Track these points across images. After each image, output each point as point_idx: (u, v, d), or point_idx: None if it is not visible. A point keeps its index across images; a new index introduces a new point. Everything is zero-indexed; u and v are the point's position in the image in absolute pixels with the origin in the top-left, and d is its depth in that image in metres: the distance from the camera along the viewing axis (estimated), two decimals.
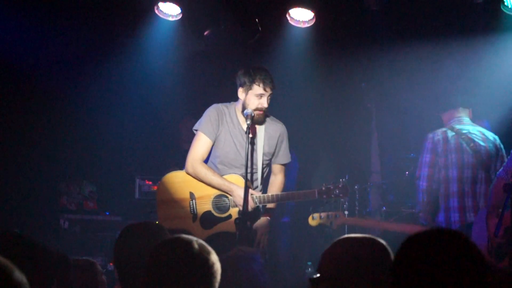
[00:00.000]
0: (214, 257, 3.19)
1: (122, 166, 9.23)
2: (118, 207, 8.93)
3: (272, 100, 6.35)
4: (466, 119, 7.11)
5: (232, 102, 6.51)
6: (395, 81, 8.76)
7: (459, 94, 7.27)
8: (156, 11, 8.14)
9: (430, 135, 6.99)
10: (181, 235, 3.32)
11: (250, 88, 6.26)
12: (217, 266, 3.18)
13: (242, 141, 6.36)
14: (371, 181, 9.04)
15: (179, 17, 8.21)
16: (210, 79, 8.69)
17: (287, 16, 8.12)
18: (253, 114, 6.21)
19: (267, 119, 6.53)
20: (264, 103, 6.25)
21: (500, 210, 5.46)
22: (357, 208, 8.61)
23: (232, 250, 4.77)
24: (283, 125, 6.61)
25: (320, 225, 7.44)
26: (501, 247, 5.83)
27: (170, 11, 8.18)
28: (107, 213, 8.94)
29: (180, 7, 8.10)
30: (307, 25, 8.16)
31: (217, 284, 3.15)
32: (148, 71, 8.76)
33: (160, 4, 8.09)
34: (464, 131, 6.93)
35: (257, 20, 8.18)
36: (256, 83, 6.23)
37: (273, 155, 6.55)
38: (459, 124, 7.03)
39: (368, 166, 9.35)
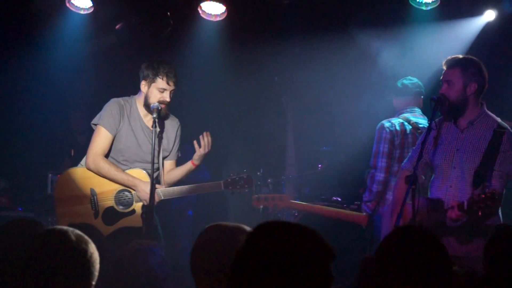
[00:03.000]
0: (92, 247, 3.16)
1: (34, 162, 9.11)
2: (31, 202, 8.80)
3: (184, 93, 6.29)
4: (418, 111, 7.06)
5: (132, 96, 6.41)
6: (308, 74, 8.80)
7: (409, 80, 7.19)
8: (68, 4, 8.07)
9: (387, 124, 6.86)
10: (56, 226, 3.28)
11: (153, 81, 6.17)
12: (96, 256, 3.15)
13: (143, 136, 6.30)
14: (286, 174, 9.05)
15: (91, 10, 8.15)
16: (121, 73, 8.61)
17: (199, 9, 8.13)
18: (160, 108, 6.13)
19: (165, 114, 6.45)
20: (166, 97, 6.17)
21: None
22: None
23: (128, 244, 4.74)
24: (178, 121, 6.53)
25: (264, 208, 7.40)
26: None
27: (81, 4, 8.13)
28: (20, 209, 8.80)
29: (91, 0, 8.05)
30: (219, 18, 8.19)
31: (96, 273, 3.14)
32: (59, 65, 8.64)
33: None
34: (420, 125, 6.84)
35: (168, 13, 8.16)
36: (160, 76, 6.15)
37: (170, 151, 6.47)
38: (413, 117, 6.96)
39: (283, 159, 9.38)
